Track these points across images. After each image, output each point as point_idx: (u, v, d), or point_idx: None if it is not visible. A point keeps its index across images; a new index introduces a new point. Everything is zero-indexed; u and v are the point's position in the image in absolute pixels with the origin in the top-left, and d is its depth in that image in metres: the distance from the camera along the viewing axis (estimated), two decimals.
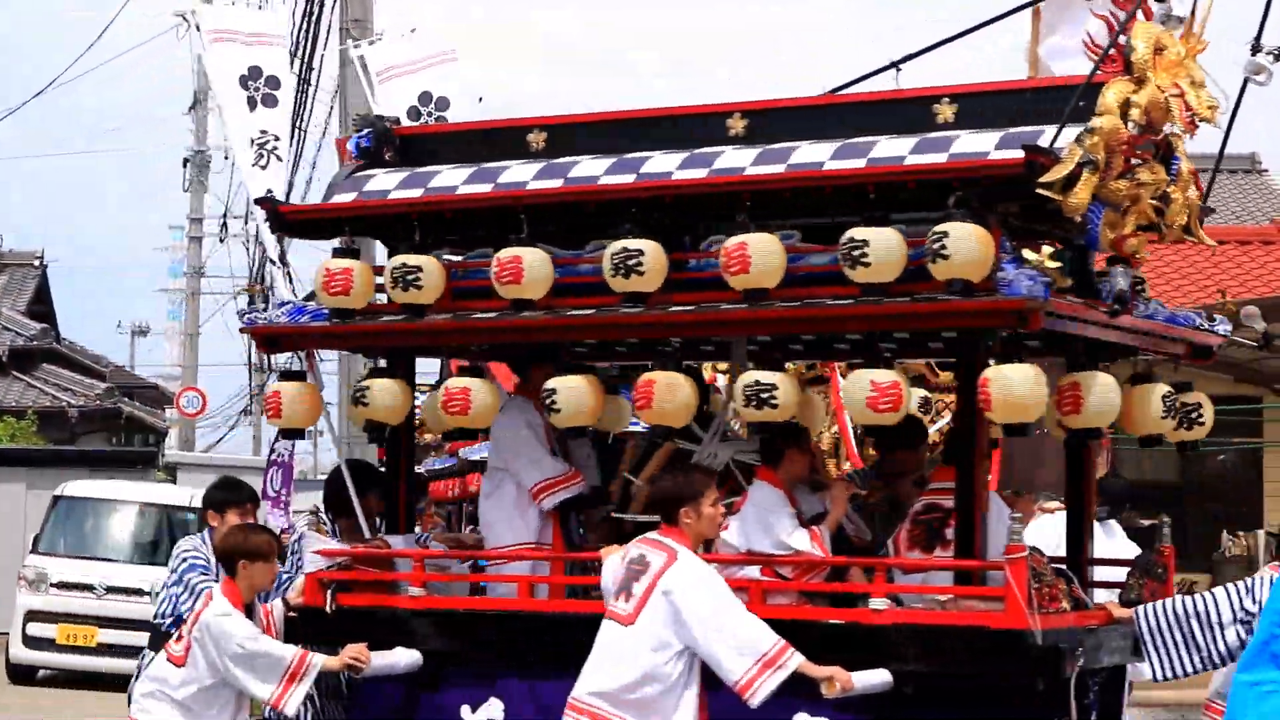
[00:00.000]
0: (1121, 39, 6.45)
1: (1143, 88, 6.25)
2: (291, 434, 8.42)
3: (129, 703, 7.52)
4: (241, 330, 7.95)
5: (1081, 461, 7.48)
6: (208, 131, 35.83)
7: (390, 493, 7.93)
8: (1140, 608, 6.66)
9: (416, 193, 7.43)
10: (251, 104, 9.26)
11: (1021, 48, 7.46)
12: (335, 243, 7.68)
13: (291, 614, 7.38)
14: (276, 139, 9.19)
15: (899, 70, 7.41)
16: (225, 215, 35.10)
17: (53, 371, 30.57)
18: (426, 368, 8.95)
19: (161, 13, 38.66)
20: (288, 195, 9.84)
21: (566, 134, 7.42)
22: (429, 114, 10.43)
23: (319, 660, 7.07)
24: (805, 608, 6.71)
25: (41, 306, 34.61)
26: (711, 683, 6.44)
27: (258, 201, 8.40)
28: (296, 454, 12.37)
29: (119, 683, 16.37)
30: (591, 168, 7.15)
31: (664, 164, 7.00)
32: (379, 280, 7.43)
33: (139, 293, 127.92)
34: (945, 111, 6.71)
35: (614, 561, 6.66)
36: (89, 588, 17.07)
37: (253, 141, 9.20)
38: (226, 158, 34.77)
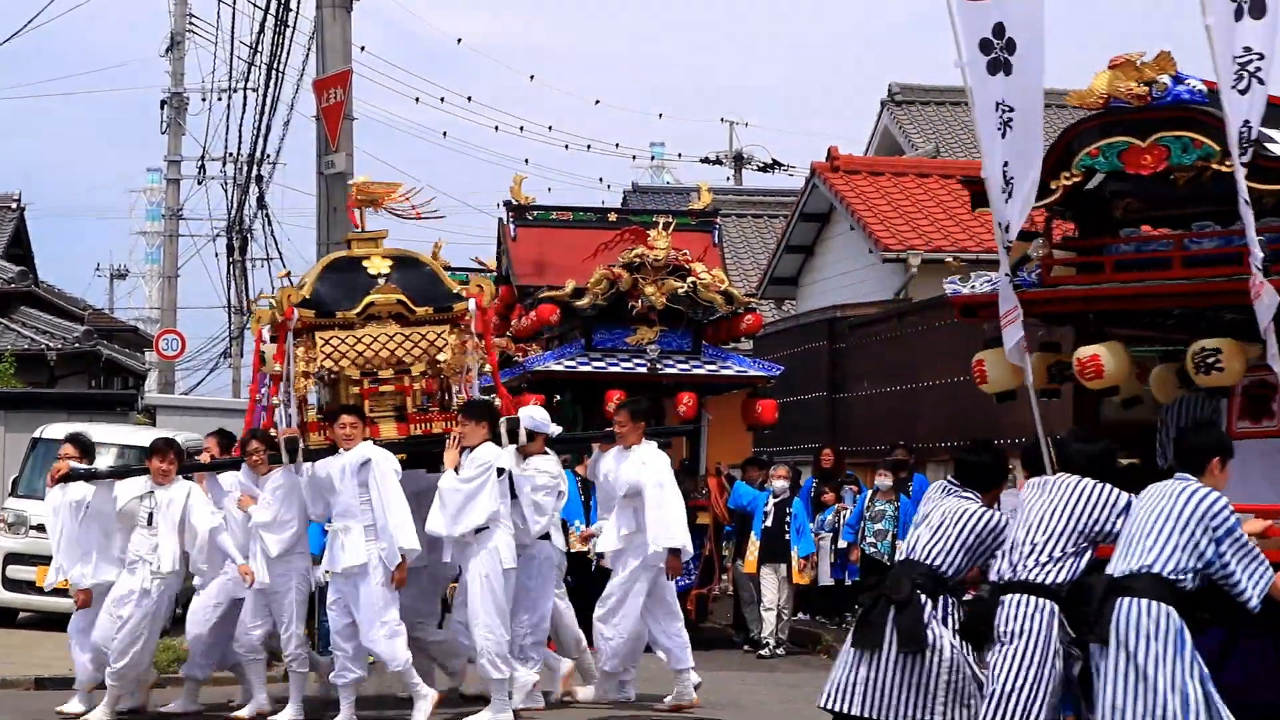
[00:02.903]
0: None
1: None
2: (1004, 397, 8.90)
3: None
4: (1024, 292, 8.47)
5: None
6: (184, 73, 35.71)
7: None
8: None
9: None
10: (1238, 14, 7.77)
11: None
12: None
13: None
14: (1261, 57, 7.76)
15: None
16: (203, 158, 35.13)
17: (31, 314, 30.43)
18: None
19: None
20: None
21: None
22: (999, 49, 8.52)
23: None
24: None
25: (19, 249, 34.44)
26: None
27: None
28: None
29: None
30: None
31: None
32: None
33: (117, 236, 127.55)
34: None
35: None
36: None
37: (1234, 59, 7.76)
38: (204, 100, 34.80)
